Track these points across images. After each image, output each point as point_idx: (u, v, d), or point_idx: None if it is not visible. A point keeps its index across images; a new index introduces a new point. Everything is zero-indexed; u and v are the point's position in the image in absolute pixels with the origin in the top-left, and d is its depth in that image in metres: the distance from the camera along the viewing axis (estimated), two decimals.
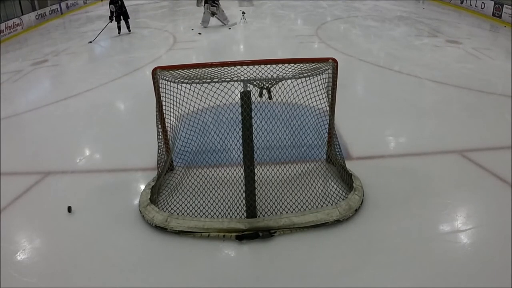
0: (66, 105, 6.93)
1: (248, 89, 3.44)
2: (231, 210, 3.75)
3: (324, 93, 4.07)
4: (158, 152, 4.27)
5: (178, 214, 3.75)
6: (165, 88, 3.92)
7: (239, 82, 3.54)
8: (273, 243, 3.47)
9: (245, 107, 3.39)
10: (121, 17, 11.95)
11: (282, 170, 4.20)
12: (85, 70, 9.16)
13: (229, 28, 12.33)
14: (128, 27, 12.24)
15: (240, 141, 3.54)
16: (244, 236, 3.49)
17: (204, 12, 12.45)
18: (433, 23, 12.82)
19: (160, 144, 4.27)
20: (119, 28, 12.09)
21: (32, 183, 4.51)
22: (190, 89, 3.69)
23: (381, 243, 3.46)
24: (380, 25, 12.58)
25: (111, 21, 11.80)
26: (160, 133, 4.26)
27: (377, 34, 11.28)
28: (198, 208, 3.80)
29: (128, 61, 9.51)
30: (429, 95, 6.82)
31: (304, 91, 3.93)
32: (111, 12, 11.68)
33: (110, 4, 11.67)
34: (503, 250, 3.31)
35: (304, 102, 3.98)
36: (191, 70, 3.87)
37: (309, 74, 3.75)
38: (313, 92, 3.95)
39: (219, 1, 12.49)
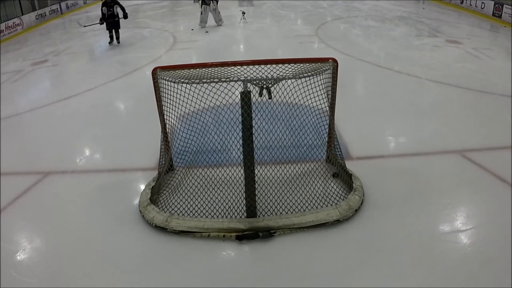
0: (66, 105, 6.93)
1: (248, 89, 3.44)
2: (231, 210, 3.75)
3: (324, 93, 4.07)
4: (160, 152, 4.27)
5: (178, 214, 3.75)
6: (165, 88, 3.92)
7: (239, 82, 3.54)
8: (273, 243, 3.47)
9: (245, 107, 3.38)
10: (113, 26, 10.95)
11: (282, 170, 4.20)
12: (85, 70, 9.16)
13: (206, 32, 11.92)
14: (117, 38, 11.02)
15: (240, 141, 3.54)
16: (244, 236, 3.49)
17: (201, 12, 12.40)
18: (433, 23, 12.82)
19: (160, 143, 4.26)
20: (111, 37, 11.01)
21: (32, 183, 4.51)
22: (190, 89, 3.68)
23: (381, 243, 3.46)
24: (380, 25, 12.58)
25: (100, 24, 10.90)
26: (160, 133, 4.25)
27: (377, 34, 11.27)
28: (198, 208, 3.80)
29: (128, 61, 9.50)
30: (429, 95, 6.82)
31: (304, 91, 3.93)
32: (103, 15, 10.68)
33: (102, 7, 10.67)
34: (503, 250, 3.31)
35: (304, 102, 3.98)
36: (191, 70, 3.86)
37: (309, 74, 3.74)
38: (313, 92, 3.95)
39: (217, 2, 12.41)
